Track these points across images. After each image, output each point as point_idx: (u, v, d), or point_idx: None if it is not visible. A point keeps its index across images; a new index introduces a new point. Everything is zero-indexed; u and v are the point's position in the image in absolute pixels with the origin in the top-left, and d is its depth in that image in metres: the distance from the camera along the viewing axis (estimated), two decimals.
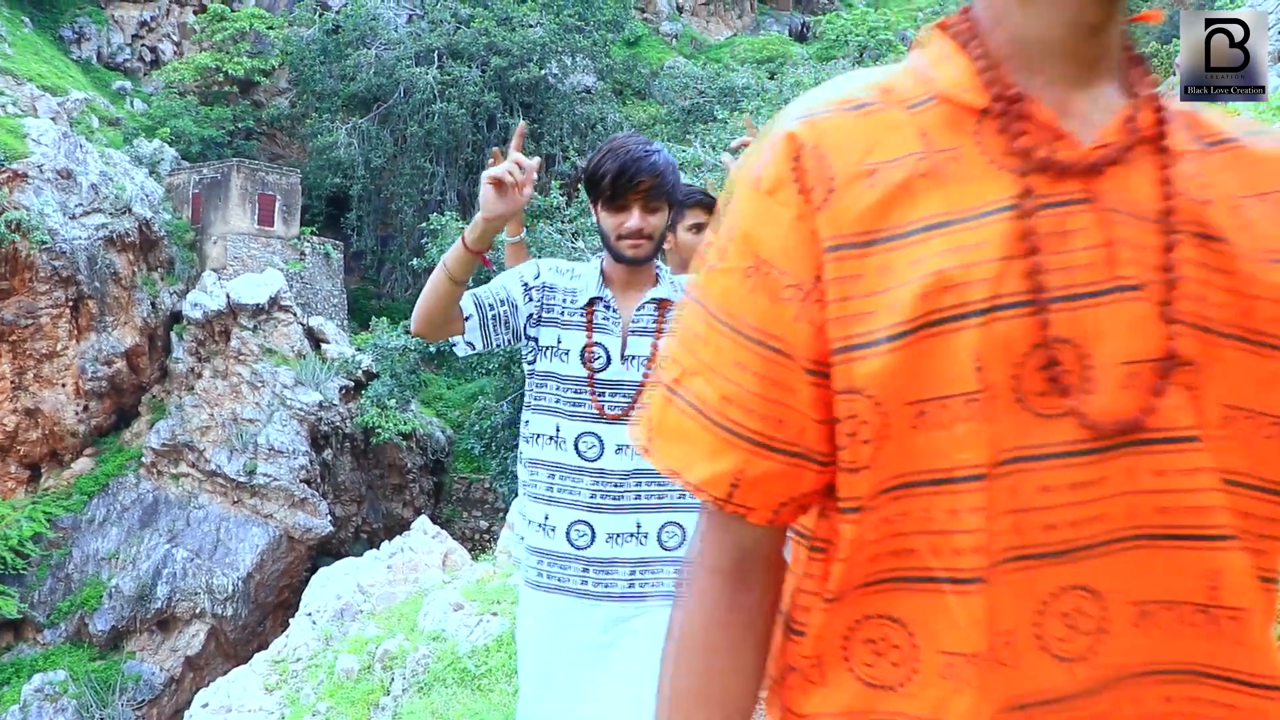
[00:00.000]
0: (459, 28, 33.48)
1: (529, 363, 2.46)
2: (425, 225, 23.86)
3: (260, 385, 25.80)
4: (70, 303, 24.64)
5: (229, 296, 26.51)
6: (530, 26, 33.57)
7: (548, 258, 2.74)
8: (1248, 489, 0.84)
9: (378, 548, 9.72)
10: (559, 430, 2.39)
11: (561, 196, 21.68)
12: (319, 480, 25.64)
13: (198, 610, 23.72)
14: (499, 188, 2.19)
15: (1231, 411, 0.83)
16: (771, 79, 32.01)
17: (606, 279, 2.46)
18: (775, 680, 0.95)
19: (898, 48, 34.41)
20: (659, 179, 2.34)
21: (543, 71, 33.02)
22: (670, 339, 0.92)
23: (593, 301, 2.42)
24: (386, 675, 6.40)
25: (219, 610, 23.65)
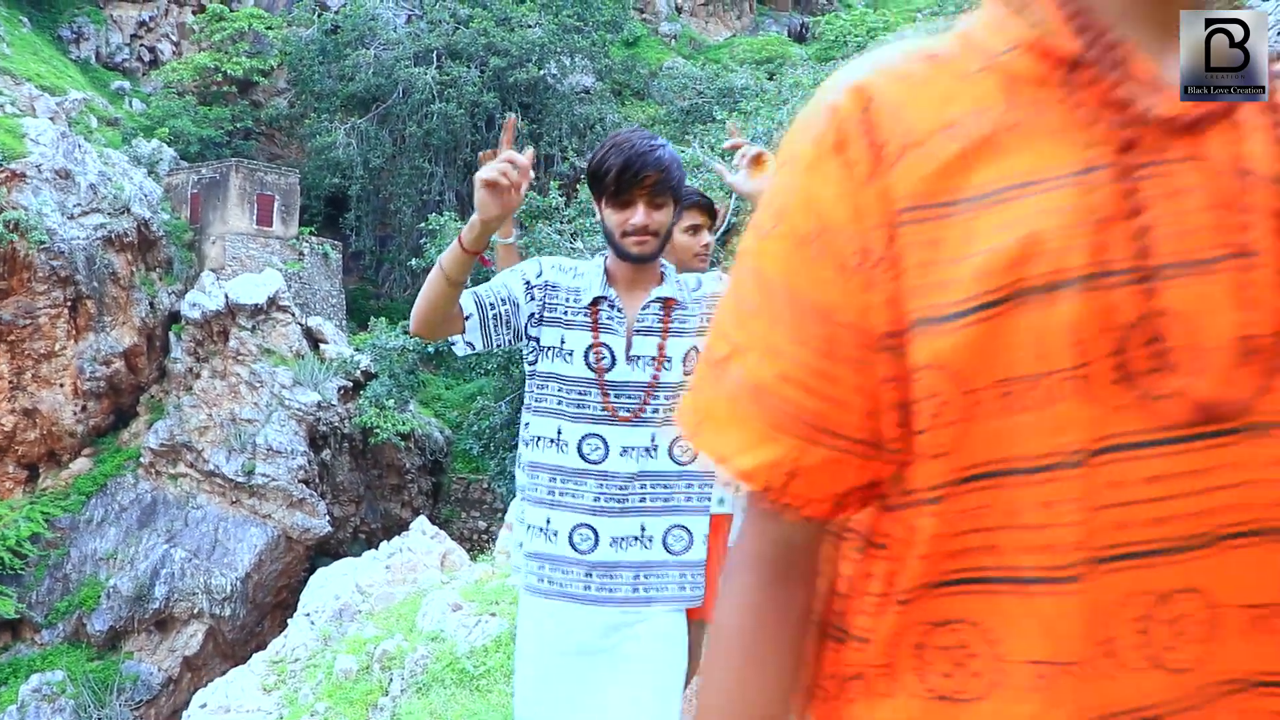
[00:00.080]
0: (458, 28, 33.49)
1: (530, 363, 2.40)
2: (424, 225, 23.83)
3: (259, 385, 25.80)
4: (68, 303, 24.62)
5: (227, 297, 26.51)
6: (529, 27, 33.58)
7: (549, 256, 2.67)
8: None
9: (376, 548, 9.72)
10: (561, 433, 2.33)
11: (560, 197, 21.66)
12: (317, 480, 25.64)
13: (196, 610, 23.71)
14: (493, 189, 2.10)
15: None
16: (770, 79, 32.02)
17: (610, 277, 2.39)
18: (826, 692, 0.87)
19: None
20: (664, 174, 2.28)
21: (541, 72, 33.03)
22: (719, 313, 0.84)
23: (597, 301, 2.35)
24: (385, 676, 6.40)
25: (217, 610, 23.64)
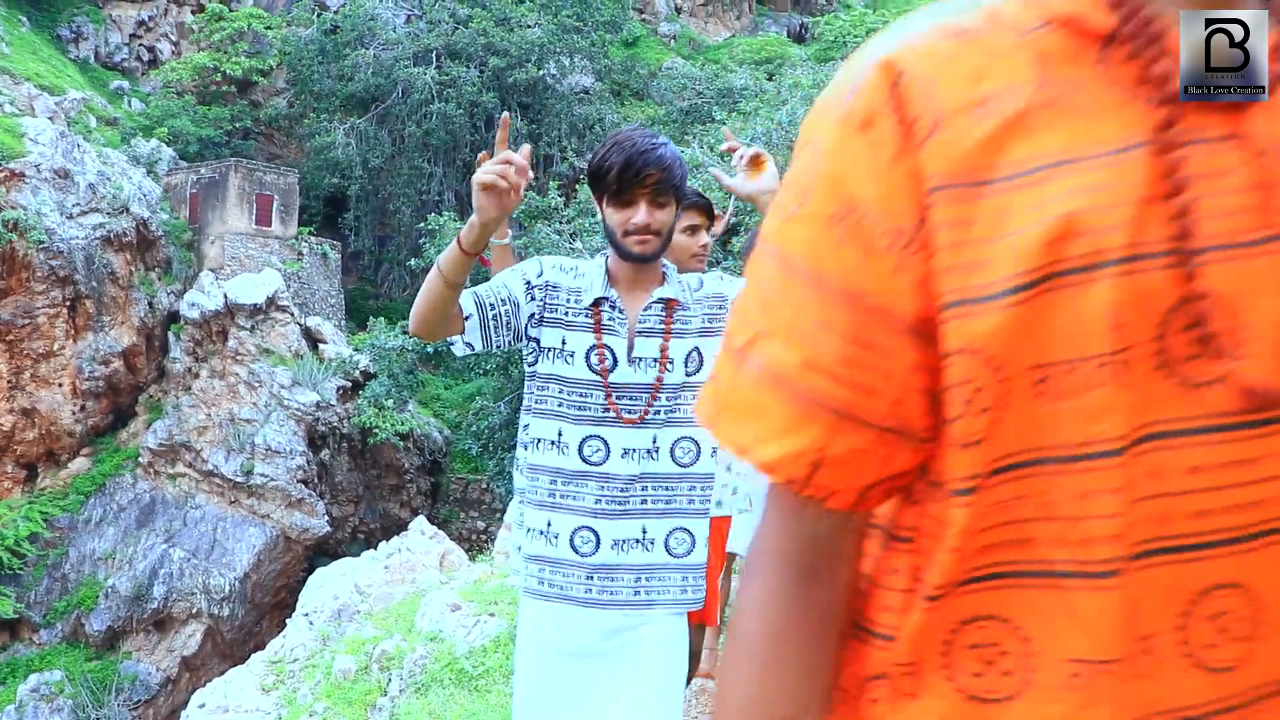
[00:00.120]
0: (457, 28, 33.49)
1: (529, 364, 2.37)
2: (423, 225, 23.83)
3: (257, 385, 25.79)
4: (67, 302, 24.61)
5: (226, 296, 26.50)
6: (528, 27, 33.59)
7: (550, 255, 2.65)
8: None
9: (375, 548, 9.72)
10: (562, 435, 2.30)
11: (559, 197, 21.65)
12: (316, 480, 25.64)
13: (194, 610, 23.70)
14: (491, 191, 2.06)
15: None
16: (770, 80, 32.02)
17: (612, 278, 2.36)
18: (846, 692, 0.83)
19: None
20: (666, 172, 2.25)
21: (541, 72, 33.04)
22: (740, 299, 0.81)
23: (598, 302, 2.32)
24: (384, 676, 6.40)
25: (215, 610, 23.64)
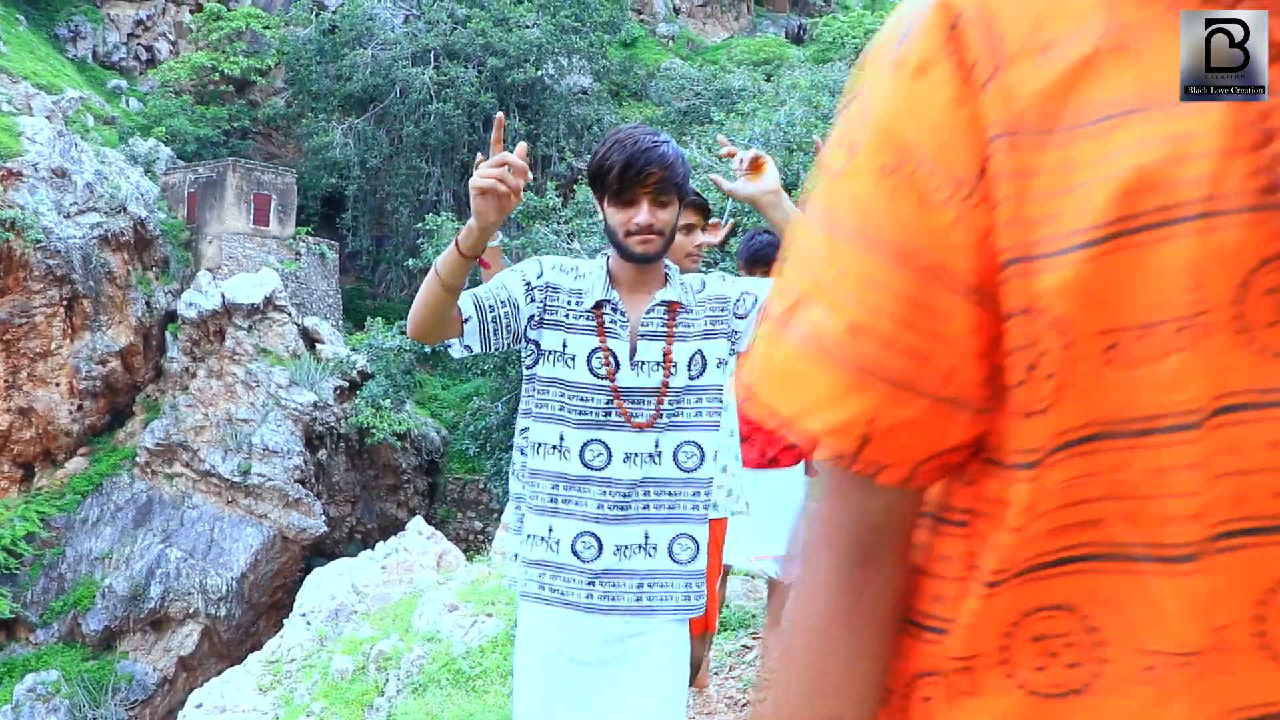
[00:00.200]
0: (455, 28, 33.49)
1: (528, 367, 2.32)
2: (421, 225, 23.83)
3: (255, 385, 25.78)
4: (64, 302, 24.60)
5: (224, 296, 26.49)
6: (527, 27, 33.59)
7: (549, 255, 2.61)
8: None
9: (372, 548, 9.72)
10: (563, 439, 2.25)
11: (557, 197, 21.65)
12: (313, 480, 25.63)
13: (191, 610, 23.69)
14: (488, 195, 2.00)
15: None
16: (768, 81, 32.05)
17: (614, 279, 2.30)
18: (894, 692, 0.78)
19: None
20: (668, 171, 2.19)
21: (539, 72, 33.05)
22: (781, 264, 0.77)
23: (600, 304, 2.27)
24: (381, 676, 6.40)
25: (212, 610, 23.62)
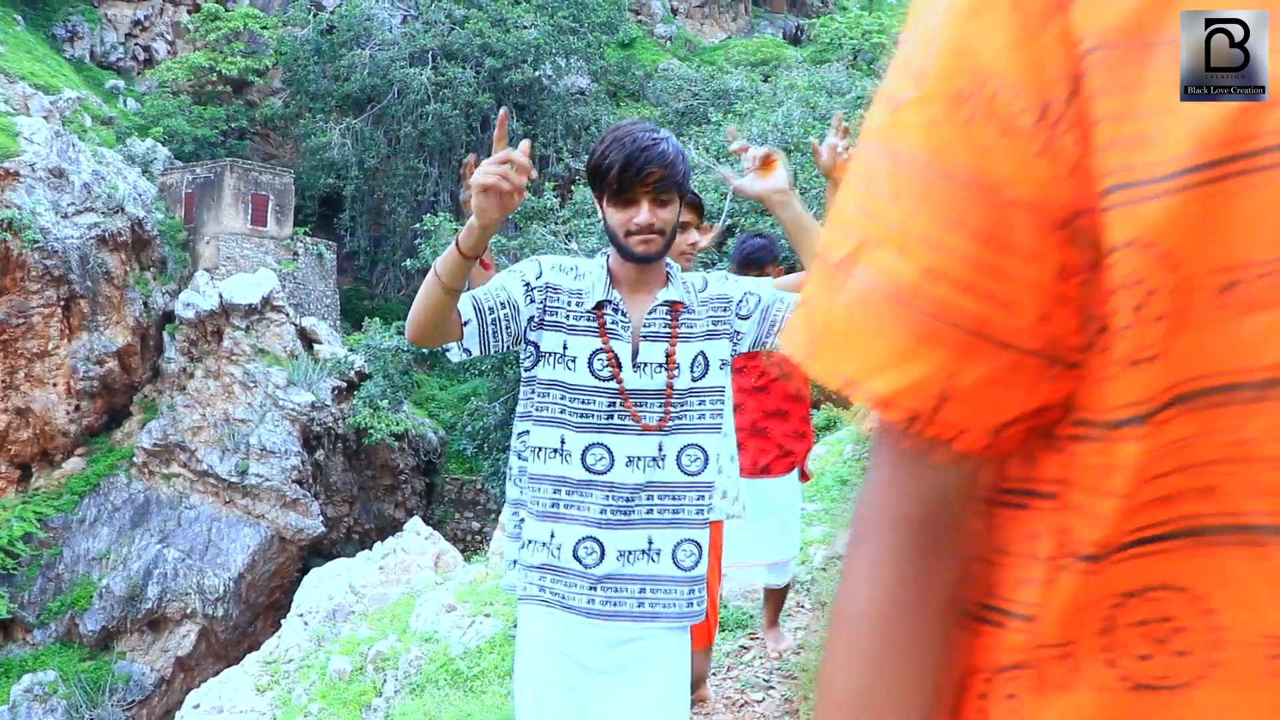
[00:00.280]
0: (453, 29, 33.50)
1: (526, 369, 2.27)
2: (418, 226, 23.84)
3: (252, 385, 25.76)
4: (62, 302, 24.58)
5: (221, 296, 26.48)
6: (525, 28, 33.61)
7: (547, 254, 2.58)
8: None
9: (370, 549, 9.71)
10: (564, 442, 2.21)
11: (555, 198, 21.66)
12: (311, 481, 25.62)
13: (188, 610, 23.67)
14: (490, 193, 1.92)
15: None
16: (765, 81, 32.07)
17: (614, 279, 2.25)
18: (969, 690, 0.69)
19: (891, 50, 34.50)
20: (669, 169, 2.14)
21: (537, 73, 33.06)
22: (836, 209, 0.68)
23: (601, 305, 2.23)
24: (379, 676, 6.39)
25: (210, 611, 23.61)
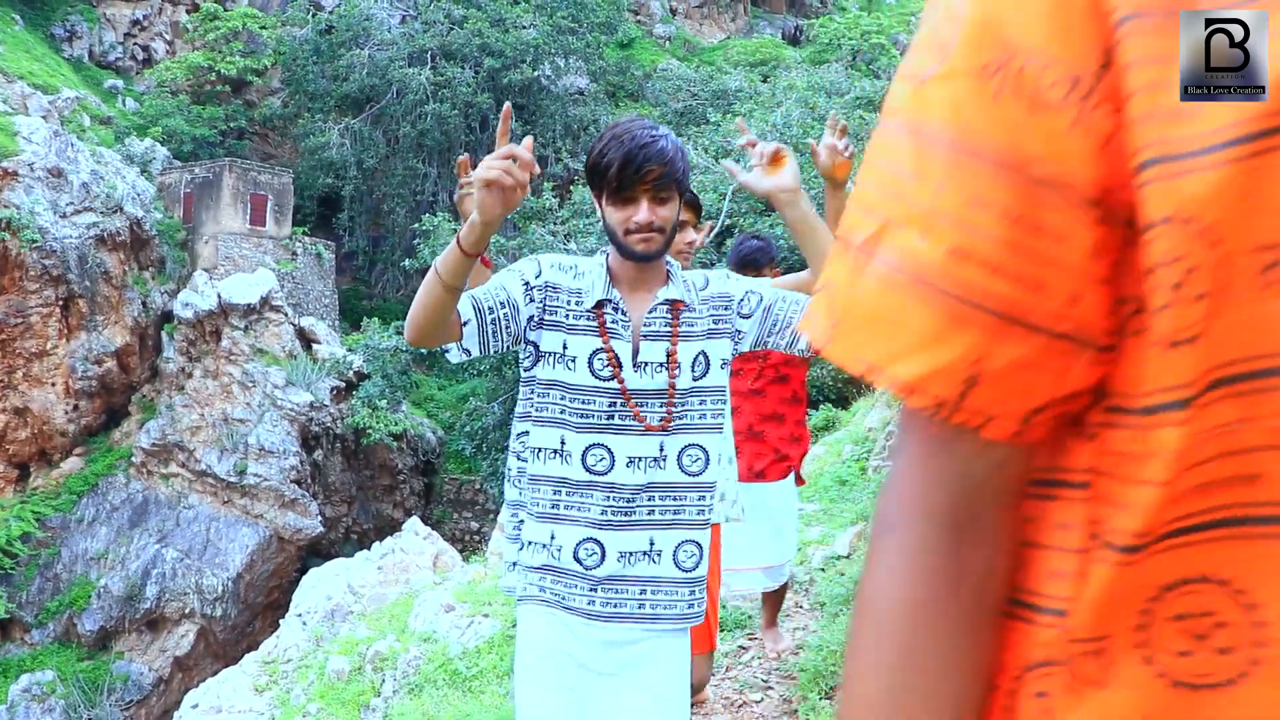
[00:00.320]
0: (452, 29, 33.50)
1: (526, 369, 2.25)
2: (417, 226, 23.82)
3: (251, 385, 25.75)
4: (60, 302, 24.56)
5: (220, 296, 26.47)
6: (523, 28, 33.61)
7: (546, 253, 2.57)
8: None
9: (368, 548, 9.71)
10: (564, 443, 2.19)
11: (554, 198, 21.67)
12: (309, 481, 25.61)
13: (187, 610, 23.66)
14: (493, 188, 1.89)
15: None
16: (764, 82, 32.09)
17: (614, 278, 2.23)
18: (997, 688, 0.66)
19: (890, 51, 34.53)
20: (668, 166, 2.11)
21: (536, 73, 33.07)
22: (857, 189, 0.66)
23: (601, 304, 2.21)
24: (377, 676, 6.39)
25: (208, 610, 23.60)
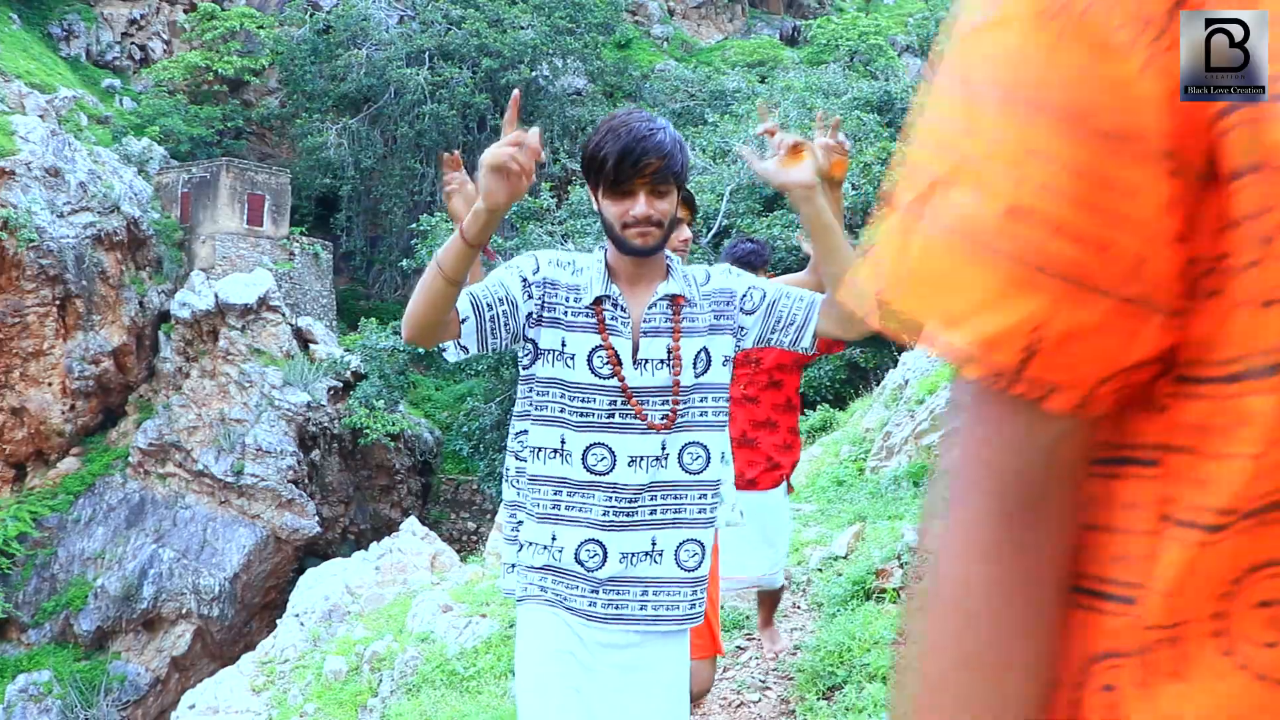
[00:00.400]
0: (450, 29, 33.50)
1: (524, 367, 2.21)
2: (415, 226, 23.85)
3: (248, 385, 25.73)
4: (57, 301, 24.53)
5: (217, 296, 26.44)
6: (521, 28, 33.61)
7: (545, 249, 2.54)
8: None
9: (365, 549, 9.71)
10: (565, 442, 2.15)
11: (551, 198, 21.68)
12: (306, 481, 25.59)
13: (184, 610, 23.63)
14: (500, 174, 1.86)
15: None
16: (762, 82, 32.13)
17: (613, 273, 2.19)
18: (1060, 681, 0.62)
19: (888, 52, 34.57)
20: (666, 159, 2.06)
21: (534, 73, 33.07)
22: (911, 141, 0.62)
23: (600, 300, 2.16)
24: (374, 677, 6.39)
25: (205, 611, 23.57)
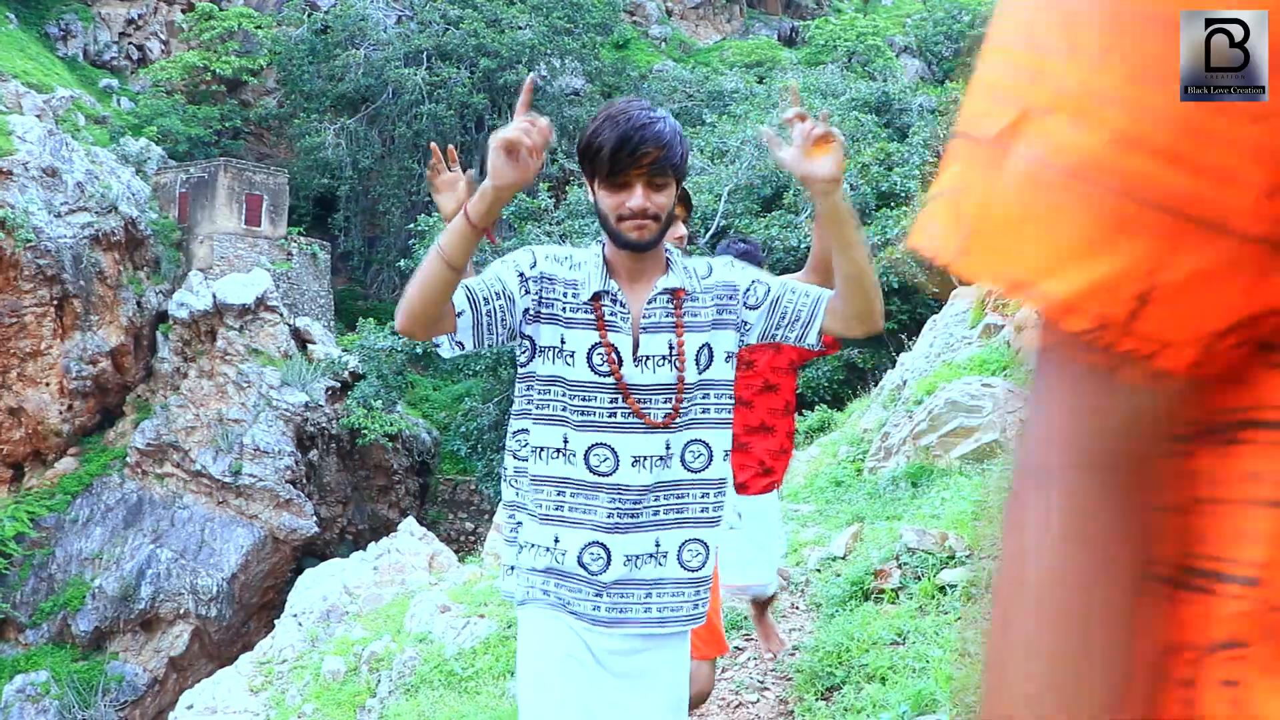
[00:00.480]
0: (448, 29, 33.51)
1: (523, 364, 2.15)
2: (413, 226, 23.85)
3: (246, 385, 25.71)
4: (55, 301, 24.51)
5: (215, 296, 26.43)
6: (519, 29, 33.62)
7: (543, 245, 2.50)
8: None
9: (363, 549, 9.72)
10: (567, 442, 2.10)
11: (549, 198, 21.67)
12: (304, 481, 25.58)
13: (181, 611, 23.62)
14: (511, 153, 1.82)
15: None
16: (760, 83, 32.16)
17: (611, 268, 2.13)
18: (1165, 676, 0.54)
19: (885, 53, 34.60)
20: (665, 150, 2.00)
21: (531, 73, 33.07)
22: (983, 71, 0.54)
23: (598, 295, 2.10)
24: (373, 677, 6.39)
25: (203, 611, 23.56)
